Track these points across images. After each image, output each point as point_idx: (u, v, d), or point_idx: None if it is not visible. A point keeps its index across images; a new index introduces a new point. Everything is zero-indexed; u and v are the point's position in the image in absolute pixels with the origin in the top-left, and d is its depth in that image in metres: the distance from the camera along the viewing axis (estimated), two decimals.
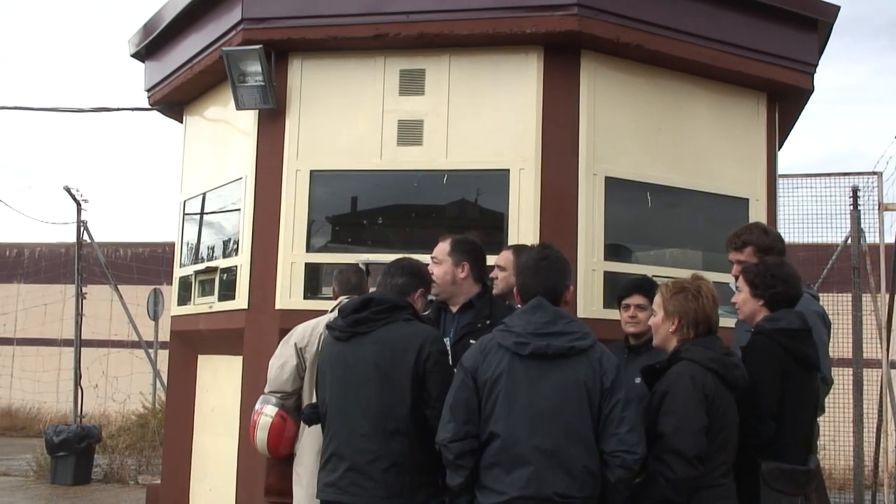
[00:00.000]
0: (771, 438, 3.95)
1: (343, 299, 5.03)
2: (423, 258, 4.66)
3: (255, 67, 6.06)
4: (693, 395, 3.71)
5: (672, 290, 4.00)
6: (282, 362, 4.92)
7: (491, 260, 4.96)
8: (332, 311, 5.04)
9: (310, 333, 4.92)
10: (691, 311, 3.92)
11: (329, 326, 4.28)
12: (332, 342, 4.22)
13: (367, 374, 4.04)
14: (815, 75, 6.69)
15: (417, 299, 4.33)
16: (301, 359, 4.88)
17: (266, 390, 4.98)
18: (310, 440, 4.78)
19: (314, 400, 4.64)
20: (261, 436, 4.95)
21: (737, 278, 4.51)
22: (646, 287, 4.66)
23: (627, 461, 3.63)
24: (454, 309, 4.62)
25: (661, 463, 3.68)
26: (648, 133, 6.18)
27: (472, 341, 4.23)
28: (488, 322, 4.43)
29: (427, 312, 4.59)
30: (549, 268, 3.98)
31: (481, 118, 5.97)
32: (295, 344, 4.92)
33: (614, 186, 5.98)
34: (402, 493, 3.98)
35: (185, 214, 7.47)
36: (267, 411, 4.93)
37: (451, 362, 4.13)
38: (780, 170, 8.04)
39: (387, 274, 4.35)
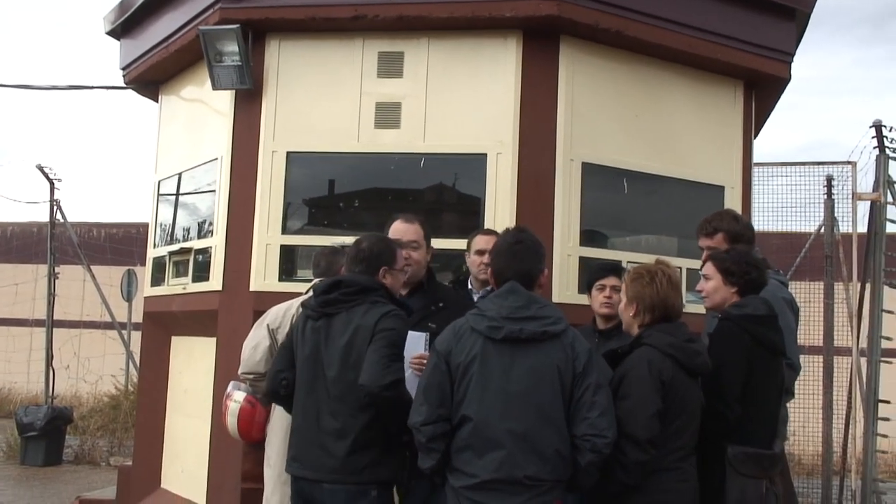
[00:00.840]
0: (737, 423, 4.00)
1: (316, 282, 5.03)
2: None
3: (231, 47, 6.01)
4: (648, 381, 3.76)
5: (631, 276, 4.07)
6: (255, 343, 4.91)
7: (460, 244, 4.97)
8: (305, 293, 5.03)
9: (283, 315, 4.92)
10: (647, 296, 3.97)
11: (304, 305, 4.33)
12: (304, 320, 4.25)
13: (333, 354, 4.07)
14: (793, 64, 6.72)
15: (384, 277, 4.29)
16: (273, 340, 4.87)
17: (239, 371, 4.97)
18: (279, 422, 4.78)
19: None
20: (231, 421, 4.97)
21: (702, 266, 4.56)
22: (619, 269, 4.71)
23: (598, 445, 3.65)
24: (404, 292, 4.58)
25: (614, 446, 3.72)
26: (626, 119, 6.19)
27: (431, 324, 4.33)
28: (441, 305, 4.54)
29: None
30: (523, 251, 3.98)
31: (459, 102, 5.96)
32: (268, 325, 4.91)
33: (591, 172, 5.99)
34: (365, 470, 4.00)
35: (159, 195, 7.42)
36: (236, 397, 4.94)
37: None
38: (757, 158, 8.09)
39: (350, 252, 4.33)
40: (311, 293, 4.62)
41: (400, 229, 4.77)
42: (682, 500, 3.83)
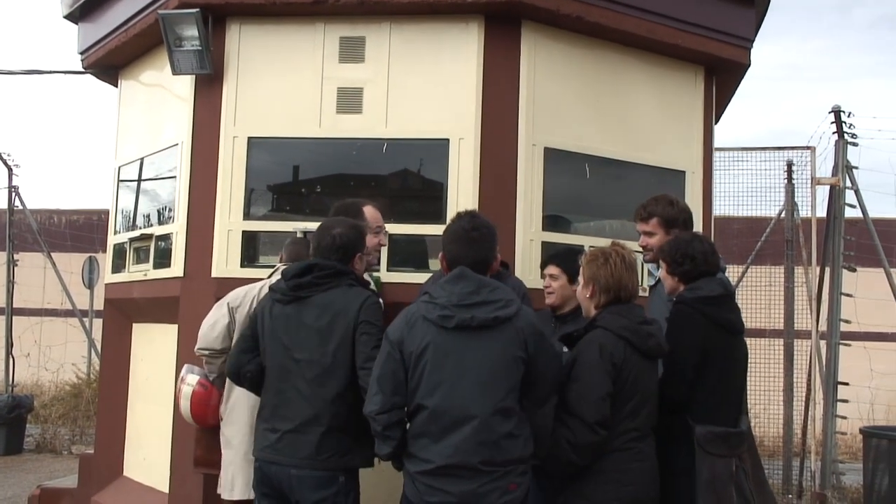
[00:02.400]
0: (703, 402, 4.04)
1: (281, 266, 5.07)
2: None
3: (191, 31, 5.94)
4: (598, 363, 3.80)
5: (587, 258, 4.11)
6: (213, 321, 4.90)
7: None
8: (269, 276, 5.06)
9: (243, 296, 4.93)
10: (602, 277, 4.02)
11: (272, 289, 4.28)
12: (273, 304, 4.21)
13: (308, 338, 4.07)
14: (752, 50, 6.77)
15: (357, 264, 4.32)
16: (233, 318, 4.87)
17: (196, 347, 4.96)
18: (243, 401, 4.78)
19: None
20: (184, 405, 4.98)
21: (643, 248, 4.63)
22: (561, 257, 4.70)
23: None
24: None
25: (564, 427, 3.80)
26: (587, 104, 6.20)
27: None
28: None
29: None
30: (479, 239, 3.99)
31: (421, 87, 5.94)
32: (228, 304, 4.91)
33: (553, 157, 6.01)
34: (335, 457, 4.02)
35: (119, 181, 7.34)
36: (189, 380, 4.96)
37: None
38: (721, 144, 8.16)
39: (323, 240, 4.31)
40: (275, 276, 4.73)
41: (376, 216, 4.87)
42: (639, 480, 3.88)
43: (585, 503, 3.85)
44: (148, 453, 6.73)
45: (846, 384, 8.62)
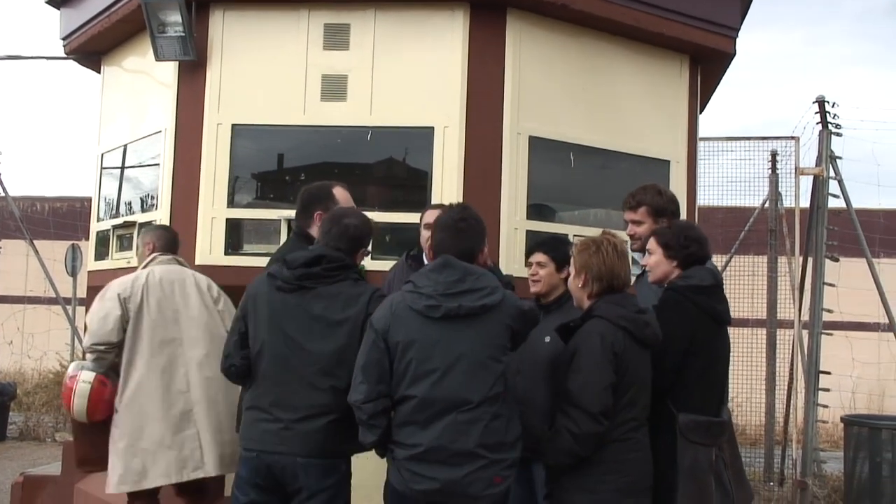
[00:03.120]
0: (688, 391, 4.06)
1: (157, 255, 5.21)
2: None
3: (175, 17, 5.91)
4: (601, 354, 3.79)
5: (579, 247, 4.09)
6: (104, 314, 4.89)
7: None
8: (144, 266, 5.17)
9: (131, 285, 4.96)
10: (594, 266, 4.00)
11: (271, 275, 4.18)
12: (273, 291, 4.12)
13: (314, 328, 4.01)
14: (738, 39, 6.78)
15: (359, 258, 4.30)
16: (125, 310, 4.89)
17: (88, 343, 4.94)
18: (146, 390, 4.88)
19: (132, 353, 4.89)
20: (79, 403, 4.90)
21: (631, 237, 4.62)
22: (548, 245, 4.66)
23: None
24: None
25: (567, 418, 3.78)
26: (573, 93, 6.20)
27: None
28: None
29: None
30: (467, 230, 3.98)
31: (406, 75, 5.92)
32: (118, 294, 4.92)
33: (538, 146, 6.01)
34: (346, 442, 4.00)
35: (102, 168, 7.30)
36: (84, 377, 4.89)
37: None
38: (705, 133, 8.17)
39: (334, 228, 4.24)
40: (154, 266, 5.06)
41: (346, 196, 4.76)
42: (637, 470, 3.88)
43: (585, 495, 3.84)
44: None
45: (828, 373, 8.67)
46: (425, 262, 4.99)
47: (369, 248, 4.40)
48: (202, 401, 4.98)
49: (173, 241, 5.37)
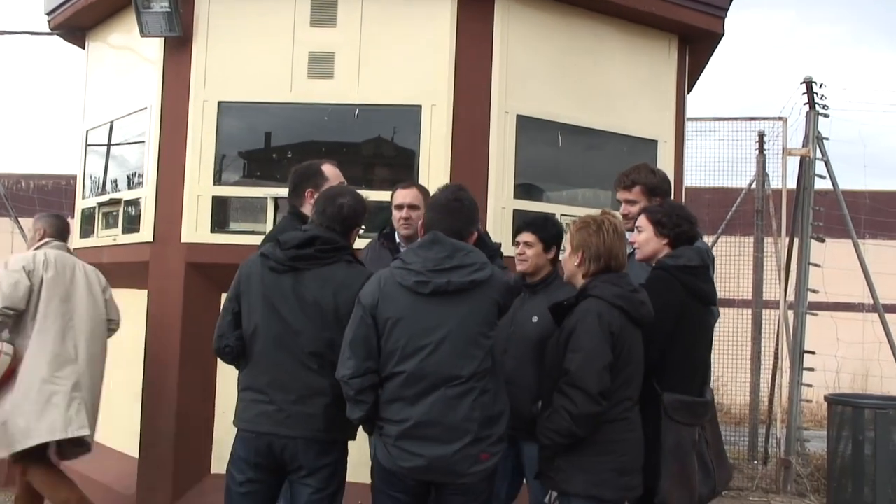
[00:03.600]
0: (672, 371, 4.07)
1: (50, 240, 5.50)
2: None
3: None
4: (598, 333, 3.78)
5: (577, 226, 4.06)
6: (14, 280, 5.18)
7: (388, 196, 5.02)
8: (37, 248, 5.44)
9: (32, 260, 5.28)
10: (593, 245, 3.97)
11: (264, 255, 4.14)
12: (266, 272, 4.08)
13: (310, 310, 3.98)
14: (726, 19, 6.77)
15: (353, 236, 4.28)
16: (31, 282, 5.20)
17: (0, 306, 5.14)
18: (36, 352, 5.16)
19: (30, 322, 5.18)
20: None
21: (625, 216, 4.61)
22: (537, 225, 4.64)
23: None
24: None
25: (566, 398, 3.76)
26: (561, 73, 6.19)
27: None
28: None
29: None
30: (459, 210, 3.98)
31: (394, 53, 5.90)
32: (24, 267, 5.23)
33: (526, 125, 6.00)
34: (340, 427, 4.00)
35: (87, 145, 7.25)
36: (6, 349, 5.14)
37: None
38: (693, 114, 8.17)
39: (328, 208, 4.21)
40: (46, 249, 5.33)
41: (336, 173, 4.72)
42: (632, 450, 3.89)
43: (582, 475, 3.83)
44: (118, 418, 6.70)
45: (812, 353, 8.72)
46: (397, 240, 4.99)
47: (363, 226, 4.38)
48: (86, 372, 5.37)
49: (64, 230, 5.69)
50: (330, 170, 4.65)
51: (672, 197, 4.86)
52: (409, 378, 3.71)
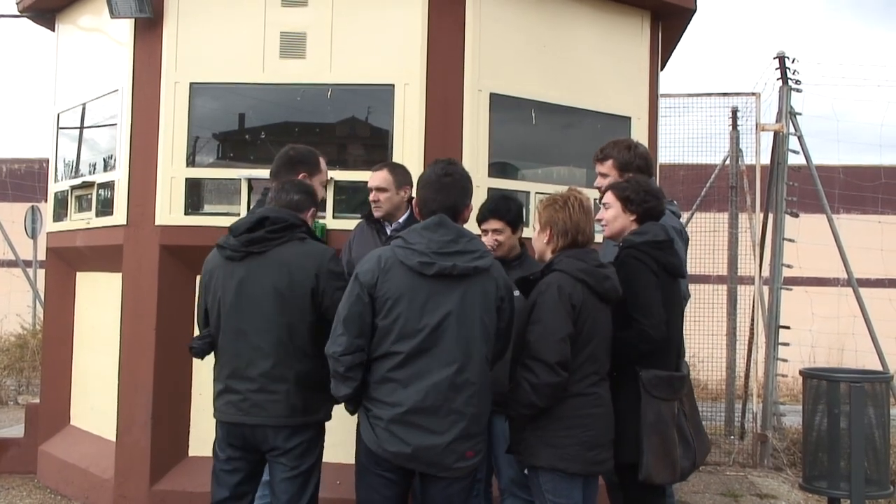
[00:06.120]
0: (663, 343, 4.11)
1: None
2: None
3: None
4: (559, 305, 3.83)
5: (544, 204, 4.12)
6: None
7: (367, 176, 5.04)
8: None
9: None
10: (560, 221, 4.03)
11: (220, 245, 4.18)
12: (224, 262, 4.12)
13: (266, 296, 4.01)
14: None
15: (310, 218, 4.30)
16: None
17: None
18: None
19: None
20: None
21: (599, 189, 4.63)
22: (500, 211, 4.66)
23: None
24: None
25: (526, 369, 3.83)
26: (534, 50, 6.18)
27: None
28: None
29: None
30: (451, 185, 3.98)
31: (366, 32, 5.87)
32: None
33: (499, 103, 5.99)
34: (305, 410, 4.04)
35: (59, 128, 7.19)
36: None
37: None
38: (667, 91, 8.17)
39: (281, 190, 4.26)
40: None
41: (325, 167, 4.83)
42: (599, 425, 3.93)
43: (549, 449, 3.89)
44: (95, 402, 6.69)
45: (788, 328, 8.78)
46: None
47: (322, 209, 4.41)
48: None
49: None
50: (325, 165, 4.72)
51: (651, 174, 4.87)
52: (405, 359, 3.73)
